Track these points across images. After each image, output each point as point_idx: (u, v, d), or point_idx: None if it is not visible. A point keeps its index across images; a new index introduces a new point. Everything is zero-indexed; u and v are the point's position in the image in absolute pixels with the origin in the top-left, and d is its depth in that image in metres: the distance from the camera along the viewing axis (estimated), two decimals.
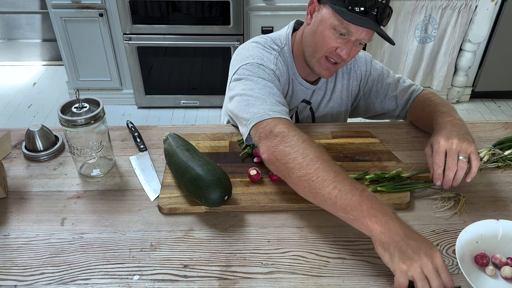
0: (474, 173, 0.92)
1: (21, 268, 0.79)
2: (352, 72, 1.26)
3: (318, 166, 0.80)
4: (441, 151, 0.93)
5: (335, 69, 1.10)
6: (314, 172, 0.80)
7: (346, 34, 1.01)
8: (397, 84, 1.25)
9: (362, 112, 1.34)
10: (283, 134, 0.87)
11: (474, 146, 0.93)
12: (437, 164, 0.92)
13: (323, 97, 1.26)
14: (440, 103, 1.13)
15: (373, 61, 1.28)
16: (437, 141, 0.94)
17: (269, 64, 1.07)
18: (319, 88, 1.24)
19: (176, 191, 0.94)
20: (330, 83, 1.25)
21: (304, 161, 0.81)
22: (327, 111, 1.28)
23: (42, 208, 0.92)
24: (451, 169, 0.91)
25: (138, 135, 1.13)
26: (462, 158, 0.91)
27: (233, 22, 2.57)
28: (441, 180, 0.92)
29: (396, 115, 1.27)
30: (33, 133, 1.05)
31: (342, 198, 0.77)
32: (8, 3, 3.26)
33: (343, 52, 1.03)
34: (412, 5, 2.58)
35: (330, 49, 1.04)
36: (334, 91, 1.26)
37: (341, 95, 1.27)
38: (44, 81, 3.33)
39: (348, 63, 1.24)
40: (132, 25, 2.58)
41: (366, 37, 1.02)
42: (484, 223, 0.82)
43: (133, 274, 0.78)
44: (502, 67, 2.88)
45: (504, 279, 0.78)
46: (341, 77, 1.25)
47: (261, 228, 0.88)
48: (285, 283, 0.77)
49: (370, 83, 1.26)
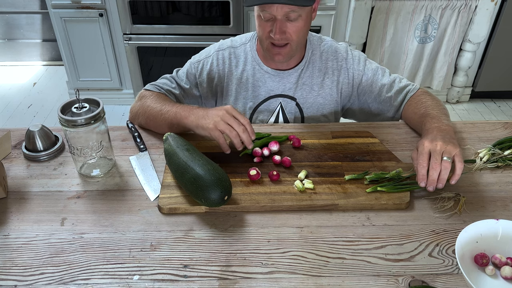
0: (458, 175, 0.92)
1: (21, 268, 0.79)
2: (343, 70, 1.25)
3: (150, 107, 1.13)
4: (425, 152, 0.92)
5: (285, 51, 1.15)
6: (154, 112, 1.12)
7: (270, 17, 1.09)
8: (392, 84, 1.24)
9: (357, 113, 1.32)
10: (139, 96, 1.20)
11: (459, 149, 0.93)
12: (420, 164, 0.92)
13: (310, 92, 1.26)
14: (431, 105, 1.13)
15: (367, 60, 1.27)
16: (422, 143, 0.95)
17: (195, 59, 1.28)
18: (304, 83, 1.25)
19: (176, 191, 0.94)
20: (317, 77, 1.25)
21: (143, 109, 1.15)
22: (317, 109, 1.28)
23: (42, 208, 0.92)
24: (435, 169, 0.90)
25: (138, 135, 1.13)
26: (446, 159, 0.90)
27: (233, 22, 2.57)
28: (425, 181, 0.91)
29: (391, 117, 1.26)
30: (33, 133, 1.05)
31: (169, 117, 1.08)
32: (8, 3, 3.26)
33: (274, 33, 1.10)
34: (412, 5, 2.58)
35: (265, 34, 1.12)
36: (322, 87, 1.26)
37: (331, 92, 1.26)
38: (44, 81, 3.33)
39: (339, 61, 1.25)
40: (132, 25, 2.58)
41: (290, 10, 1.07)
42: (484, 223, 0.82)
43: (133, 274, 0.78)
44: (502, 67, 2.88)
45: (504, 279, 0.78)
46: (331, 73, 1.25)
47: (261, 228, 0.88)
48: (285, 283, 0.77)
49: (364, 83, 1.25)
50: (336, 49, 1.26)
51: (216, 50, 1.26)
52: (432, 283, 0.77)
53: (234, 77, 1.26)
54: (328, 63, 1.25)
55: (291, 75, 1.24)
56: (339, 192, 0.95)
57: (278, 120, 1.29)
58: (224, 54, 1.26)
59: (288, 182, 0.98)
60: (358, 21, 2.62)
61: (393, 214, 0.91)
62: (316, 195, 0.94)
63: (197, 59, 1.27)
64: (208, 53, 1.27)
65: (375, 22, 2.66)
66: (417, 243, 0.85)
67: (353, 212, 0.91)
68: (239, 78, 1.25)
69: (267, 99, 1.27)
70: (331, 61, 1.25)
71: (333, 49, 1.26)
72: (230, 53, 1.26)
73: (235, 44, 1.27)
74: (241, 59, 1.25)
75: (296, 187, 0.95)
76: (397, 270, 0.79)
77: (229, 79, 1.26)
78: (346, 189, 0.96)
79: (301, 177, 0.98)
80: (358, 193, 0.95)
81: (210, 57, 1.26)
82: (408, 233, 0.87)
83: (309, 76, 1.25)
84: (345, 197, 0.93)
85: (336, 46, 1.27)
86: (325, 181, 0.98)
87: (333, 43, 1.27)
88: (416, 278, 0.78)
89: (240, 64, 1.25)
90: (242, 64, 1.25)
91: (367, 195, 0.94)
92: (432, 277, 0.78)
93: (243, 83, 1.25)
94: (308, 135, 1.13)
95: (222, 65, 1.25)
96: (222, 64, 1.25)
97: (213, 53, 1.26)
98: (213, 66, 1.25)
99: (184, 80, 1.26)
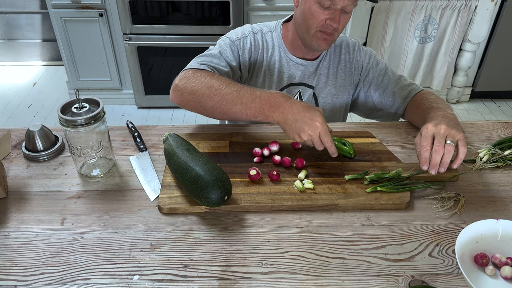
0: (461, 159, 0.92)
1: (21, 268, 0.79)
2: (354, 61, 1.32)
3: (223, 91, 1.02)
4: (428, 135, 0.93)
5: (331, 39, 1.18)
6: (221, 98, 1.02)
7: (331, 5, 1.10)
8: (397, 81, 1.28)
9: (360, 105, 1.37)
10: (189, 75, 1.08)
11: (463, 135, 0.93)
12: (423, 147, 0.92)
13: (326, 82, 1.31)
14: (436, 101, 1.15)
15: (376, 56, 1.33)
16: (426, 127, 0.95)
17: (233, 37, 1.25)
18: (321, 73, 1.30)
19: (176, 191, 0.94)
20: (333, 68, 1.31)
21: (210, 92, 1.03)
22: (331, 99, 1.33)
23: (42, 208, 0.92)
24: (438, 152, 0.90)
25: (138, 135, 1.13)
26: (449, 142, 0.91)
27: (233, 22, 2.57)
28: (427, 164, 0.91)
29: (393, 112, 1.28)
30: (33, 133, 1.05)
31: (249, 108, 1.00)
32: (8, 3, 3.26)
33: (333, 22, 1.12)
34: (412, 5, 2.59)
35: (320, 22, 1.13)
36: (336, 77, 1.31)
37: (344, 83, 1.32)
38: (44, 81, 3.33)
39: (351, 53, 1.31)
40: (132, 25, 2.58)
41: (350, 2, 1.10)
42: (484, 223, 0.82)
43: (133, 274, 0.78)
44: (502, 67, 2.88)
45: (504, 279, 0.78)
46: (344, 65, 1.32)
47: (261, 228, 0.88)
48: (285, 283, 0.77)
49: (371, 75, 1.30)
50: (348, 43, 1.33)
51: (251, 31, 1.27)
52: (432, 283, 0.77)
53: (264, 60, 1.28)
54: (342, 55, 1.32)
55: (313, 65, 1.29)
56: (339, 192, 0.95)
57: None
58: (257, 37, 1.27)
59: (288, 182, 0.98)
60: (358, 21, 2.62)
61: (393, 214, 0.91)
62: (316, 195, 0.94)
63: (236, 37, 1.25)
64: (243, 33, 1.26)
65: (375, 22, 2.66)
66: (417, 243, 0.85)
67: (353, 212, 0.92)
68: (268, 61, 1.28)
69: (288, 85, 1.31)
70: (344, 53, 1.32)
71: (346, 43, 1.33)
72: (262, 37, 1.28)
73: (264, 30, 1.29)
74: (270, 44, 1.28)
75: (296, 187, 0.95)
76: (397, 270, 0.79)
77: (261, 61, 1.28)
78: (346, 189, 0.96)
79: (301, 177, 0.98)
80: (358, 193, 0.95)
81: (247, 37, 1.26)
82: (408, 233, 0.87)
83: (326, 66, 1.31)
84: (345, 197, 0.93)
85: (348, 40, 1.34)
86: (325, 181, 0.98)
87: (346, 38, 1.35)
88: (416, 278, 0.78)
89: (269, 48, 1.28)
90: (271, 49, 1.28)
91: (367, 195, 0.94)
92: (432, 277, 0.78)
93: (271, 68, 1.29)
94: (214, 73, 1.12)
95: (256, 46, 1.27)
96: (256, 46, 1.27)
97: (248, 33, 1.26)
98: (251, 45, 1.26)
99: (230, 57, 1.22)
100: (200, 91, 1.04)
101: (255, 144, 1.08)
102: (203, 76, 1.06)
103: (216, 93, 1.02)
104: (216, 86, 1.03)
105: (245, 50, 1.25)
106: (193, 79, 1.06)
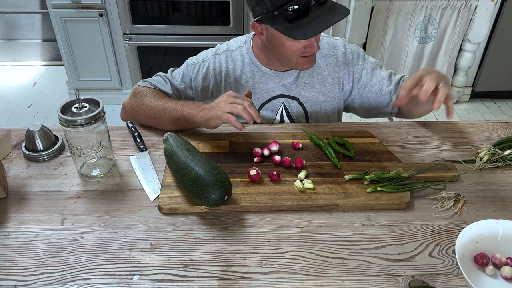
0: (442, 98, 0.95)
1: (21, 268, 0.79)
2: (343, 65, 1.26)
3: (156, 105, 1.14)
4: (418, 74, 0.98)
5: (315, 56, 1.16)
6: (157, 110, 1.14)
7: None
8: (390, 78, 1.25)
9: (357, 107, 1.32)
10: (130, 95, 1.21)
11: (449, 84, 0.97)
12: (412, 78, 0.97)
13: (311, 90, 1.26)
14: None
15: (366, 55, 1.28)
16: (416, 72, 1.00)
17: (191, 61, 1.29)
18: (305, 82, 1.25)
19: (176, 191, 0.94)
20: (318, 75, 1.25)
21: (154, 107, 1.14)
22: (320, 106, 1.28)
23: (42, 208, 0.92)
24: (430, 83, 0.95)
25: (138, 135, 1.13)
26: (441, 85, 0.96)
27: (233, 22, 2.57)
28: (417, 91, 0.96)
29: (390, 111, 1.27)
30: (33, 133, 1.05)
31: (175, 115, 1.11)
32: (8, 3, 3.26)
33: (312, 48, 1.11)
34: (412, 5, 2.58)
35: (299, 51, 1.11)
36: (324, 84, 1.26)
37: (333, 89, 1.27)
38: (44, 81, 3.33)
39: (338, 56, 1.25)
40: (132, 25, 2.58)
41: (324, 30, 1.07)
42: (484, 223, 0.82)
43: (133, 274, 0.78)
44: (502, 67, 2.88)
45: (504, 279, 0.78)
46: (331, 70, 1.25)
47: (261, 228, 0.88)
48: (285, 283, 0.77)
49: (364, 77, 1.26)
50: (334, 45, 1.26)
51: (213, 54, 1.26)
52: (432, 283, 0.77)
53: (232, 81, 1.26)
54: (327, 59, 1.25)
55: (290, 75, 1.24)
56: (339, 192, 0.95)
57: (283, 119, 1.29)
58: (221, 58, 1.26)
59: (288, 182, 0.98)
60: (358, 21, 2.62)
61: (393, 214, 0.91)
62: (316, 195, 0.94)
63: (193, 61, 1.27)
64: (205, 57, 1.27)
65: (375, 22, 2.66)
66: (417, 243, 0.85)
67: (353, 212, 0.92)
68: (238, 81, 1.25)
69: (270, 99, 1.27)
70: (330, 57, 1.25)
71: (331, 45, 1.26)
72: (227, 57, 1.26)
73: (231, 48, 1.27)
74: (238, 62, 1.25)
75: (296, 187, 0.95)
76: (397, 270, 0.79)
77: (227, 82, 1.26)
78: (346, 189, 0.96)
79: (301, 177, 0.98)
80: (358, 193, 0.95)
81: (207, 60, 1.26)
82: (408, 233, 0.87)
83: (309, 74, 1.25)
84: (345, 197, 0.93)
85: (333, 41, 1.27)
86: (325, 181, 0.98)
87: (330, 39, 1.28)
88: (416, 278, 0.78)
89: (237, 67, 1.25)
90: (240, 67, 1.25)
91: (367, 195, 0.94)
92: (432, 277, 0.78)
93: (243, 86, 1.25)
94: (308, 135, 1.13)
95: (219, 69, 1.25)
96: (219, 68, 1.25)
97: (210, 57, 1.26)
98: (209, 69, 1.25)
99: (178, 80, 1.26)
100: (137, 107, 1.17)
101: (255, 144, 1.08)
102: (143, 94, 1.19)
103: (146, 107, 1.15)
104: (148, 100, 1.16)
105: (199, 75, 1.26)
106: (133, 97, 1.20)
